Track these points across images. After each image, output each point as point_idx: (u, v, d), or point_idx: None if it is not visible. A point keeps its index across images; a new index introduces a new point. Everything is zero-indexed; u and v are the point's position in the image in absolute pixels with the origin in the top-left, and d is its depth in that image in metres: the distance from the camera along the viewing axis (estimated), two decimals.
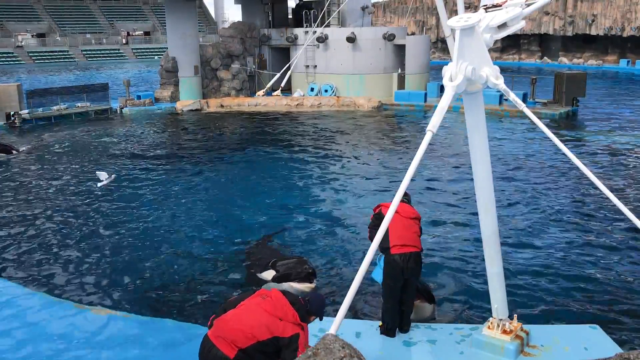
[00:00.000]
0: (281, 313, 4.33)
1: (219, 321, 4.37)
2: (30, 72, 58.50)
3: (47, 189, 14.58)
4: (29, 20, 75.97)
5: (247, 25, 32.39)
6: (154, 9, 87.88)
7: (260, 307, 4.35)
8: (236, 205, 13.03)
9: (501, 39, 5.34)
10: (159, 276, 9.23)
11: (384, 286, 6.39)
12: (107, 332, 6.91)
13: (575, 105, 25.89)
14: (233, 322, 4.32)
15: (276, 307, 4.35)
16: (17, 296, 7.94)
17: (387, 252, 6.23)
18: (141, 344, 6.65)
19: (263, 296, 4.46)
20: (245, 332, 4.26)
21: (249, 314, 4.34)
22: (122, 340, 6.72)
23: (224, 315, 4.41)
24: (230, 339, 4.26)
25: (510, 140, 20.25)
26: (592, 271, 9.26)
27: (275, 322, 4.28)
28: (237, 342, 4.25)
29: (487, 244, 5.93)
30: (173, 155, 18.69)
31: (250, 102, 29.23)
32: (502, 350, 5.85)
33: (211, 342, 4.31)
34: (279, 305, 4.36)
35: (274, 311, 4.33)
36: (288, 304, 4.38)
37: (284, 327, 4.28)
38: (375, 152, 18.76)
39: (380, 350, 6.21)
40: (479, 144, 5.56)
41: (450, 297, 8.37)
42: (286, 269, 8.41)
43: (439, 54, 62.39)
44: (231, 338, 4.26)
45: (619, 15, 53.72)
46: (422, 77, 29.88)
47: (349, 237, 10.89)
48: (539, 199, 13.19)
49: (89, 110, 26.78)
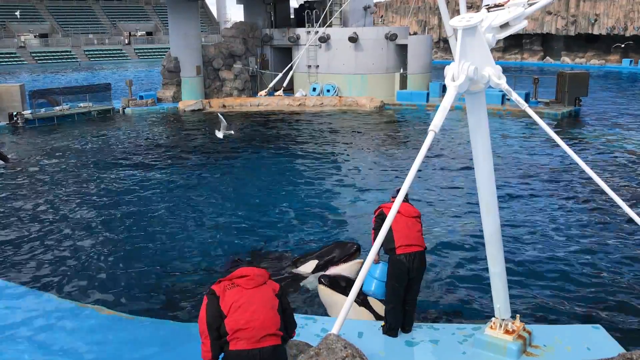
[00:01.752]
0: (262, 278, 4.37)
1: (242, 332, 4.19)
2: (32, 72, 58.61)
3: (47, 188, 14.61)
4: (31, 21, 76.11)
5: (249, 25, 32.41)
6: (157, 9, 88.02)
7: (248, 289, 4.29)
8: (238, 205, 13.03)
9: (503, 38, 5.33)
10: (160, 276, 9.23)
11: (388, 287, 6.35)
12: (107, 332, 6.92)
13: (577, 105, 25.85)
14: (255, 317, 4.22)
15: (259, 277, 4.35)
16: (17, 295, 7.96)
17: (392, 253, 6.20)
18: (141, 344, 6.65)
19: (232, 285, 4.34)
20: (271, 311, 4.26)
21: (255, 301, 4.27)
22: (122, 339, 6.73)
23: (238, 323, 4.21)
24: (271, 330, 4.22)
25: (512, 139, 20.22)
26: (595, 271, 9.24)
27: (268, 288, 4.36)
28: (277, 324, 4.26)
29: (489, 243, 5.92)
30: (175, 155, 18.70)
31: (252, 102, 29.24)
32: (505, 351, 5.84)
33: (255, 349, 4.18)
34: (257, 274, 4.36)
35: (260, 280, 4.35)
36: (256, 268, 4.43)
37: (272, 285, 4.41)
38: (377, 152, 18.76)
39: (382, 350, 6.20)
40: (481, 144, 5.55)
41: (452, 297, 8.36)
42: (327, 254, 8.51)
43: (441, 53, 62.35)
44: (270, 328, 4.22)
45: (621, 14, 53.63)
46: (424, 77, 29.86)
47: (350, 236, 10.87)
48: (541, 199, 13.17)
49: (91, 110, 26.81)
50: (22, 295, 8.04)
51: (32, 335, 6.85)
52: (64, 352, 6.48)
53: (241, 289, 4.27)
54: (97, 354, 6.46)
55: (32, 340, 6.74)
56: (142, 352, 6.49)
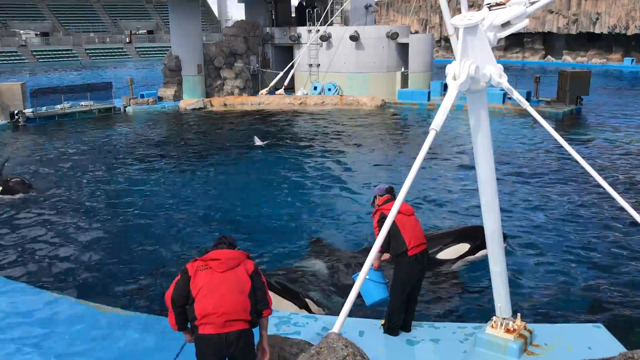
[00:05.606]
0: (235, 261, 4.45)
1: (209, 317, 4.27)
2: (33, 71, 58.63)
3: (47, 187, 14.62)
4: (32, 19, 76.11)
5: (251, 24, 32.40)
6: (158, 8, 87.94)
7: (217, 273, 4.38)
8: (238, 204, 13.04)
9: (505, 37, 5.32)
10: (160, 275, 9.23)
11: (397, 287, 6.27)
12: (107, 331, 6.91)
13: (579, 103, 25.82)
14: (221, 302, 4.29)
15: (229, 260, 4.44)
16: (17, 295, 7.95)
17: (404, 255, 6.14)
18: (141, 344, 6.64)
19: (205, 267, 4.42)
20: (240, 296, 4.34)
21: (221, 285, 4.34)
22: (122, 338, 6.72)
23: (206, 309, 4.29)
24: (237, 314, 4.29)
25: (513, 138, 20.21)
26: (596, 270, 9.23)
27: (241, 270, 4.43)
28: (245, 308, 4.32)
29: (490, 242, 5.92)
30: (176, 154, 18.71)
31: (253, 101, 29.25)
32: (506, 349, 5.84)
33: (220, 334, 4.27)
34: (228, 257, 4.45)
35: (231, 263, 4.42)
36: (230, 251, 4.52)
37: (245, 266, 4.46)
38: (378, 151, 18.75)
39: (383, 349, 6.20)
40: (482, 142, 5.54)
41: (453, 296, 8.35)
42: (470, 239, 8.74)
43: (443, 52, 62.28)
44: (236, 312, 4.29)
45: (623, 13, 53.55)
46: (426, 75, 29.83)
47: (351, 235, 10.88)
48: (541, 198, 13.16)
49: (92, 109, 26.81)
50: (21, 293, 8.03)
51: (31, 335, 6.84)
52: (64, 349, 6.48)
53: (212, 271, 4.36)
54: (96, 353, 6.44)
55: (31, 338, 6.73)
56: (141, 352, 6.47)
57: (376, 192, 6.59)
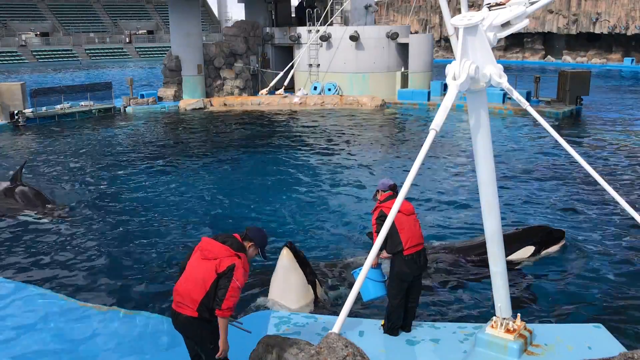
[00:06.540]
0: (214, 254, 4.68)
1: (174, 291, 4.76)
2: (34, 71, 58.62)
3: (47, 186, 14.62)
4: (32, 19, 76.12)
5: (251, 24, 32.40)
6: (158, 8, 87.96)
7: (199, 259, 4.74)
8: (238, 204, 13.04)
9: (505, 37, 5.32)
10: (161, 275, 9.24)
11: (394, 287, 6.29)
12: (106, 330, 6.91)
13: (579, 103, 25.82)
14: (184, 284, 4.70)
15: (209, 251, 4.71)
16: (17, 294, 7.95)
17: (400, 255, 6.15)
18: (141, 343, 6.65)
19: (198, 249, 4.83)
20: (197, 286, 4.61)
21: (192, 271, 4.72)
22: (122, 338, 6.72)
23: (176, 285, 4.78)
24: (188, 300, 4.63)
25: (513, 138, 20.21)
26: (596, 270, 9.22)
27: (212, 264, 4.64)
28: (194, 298, 4.60)
29: (490, 242, 5.92)
30: (176, 154, 18.71)
31: (253, 101, 29.24)
32: (506, 349, 5.84)
33: (175, 312, 4.73)
34: (210, 248, 4.72)
35: (209, 255, 4.69)
36: (218, 244, 4.74)
37: (220, 263, 4.64)
38: (378, 151, 18.75)
39: (383, 349, 6.20)
40: (482, 143, 5.54)
41: (453, 296, 8.35)
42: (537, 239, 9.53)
43: (443, 52, 62.29)
44: (188, 298, 4.63)
45: (623, 13, 53.55)
46: (426, 75, 29.84)
47: (351, 235, 10.88)
48: (541, 198, 13.16)
49: (92, 109, 26.80)
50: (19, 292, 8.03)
51: (32, 332, 6.85)
52: (64, 349, 6.48)
53: (197, 256, 4.77)
54: (96, 352, 6.45)
55: (32, 338, 6.74)
56: (141, 351, 6.48)
57: (379, 187, 6.60)
